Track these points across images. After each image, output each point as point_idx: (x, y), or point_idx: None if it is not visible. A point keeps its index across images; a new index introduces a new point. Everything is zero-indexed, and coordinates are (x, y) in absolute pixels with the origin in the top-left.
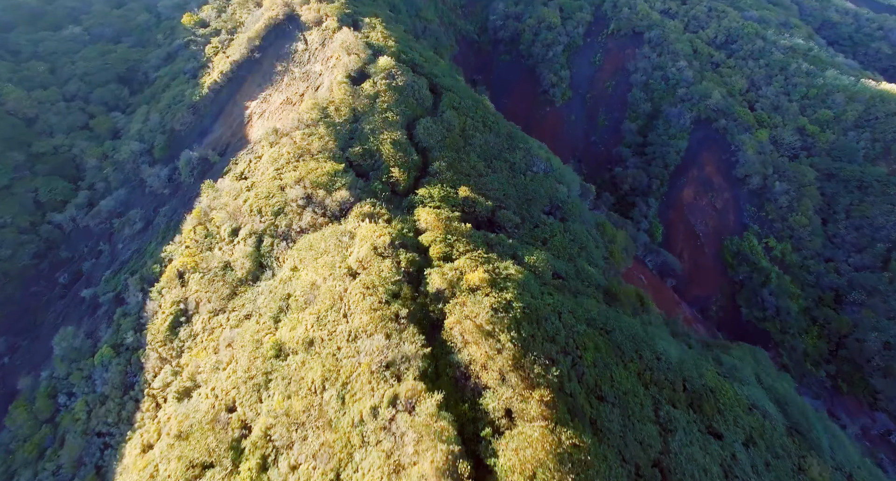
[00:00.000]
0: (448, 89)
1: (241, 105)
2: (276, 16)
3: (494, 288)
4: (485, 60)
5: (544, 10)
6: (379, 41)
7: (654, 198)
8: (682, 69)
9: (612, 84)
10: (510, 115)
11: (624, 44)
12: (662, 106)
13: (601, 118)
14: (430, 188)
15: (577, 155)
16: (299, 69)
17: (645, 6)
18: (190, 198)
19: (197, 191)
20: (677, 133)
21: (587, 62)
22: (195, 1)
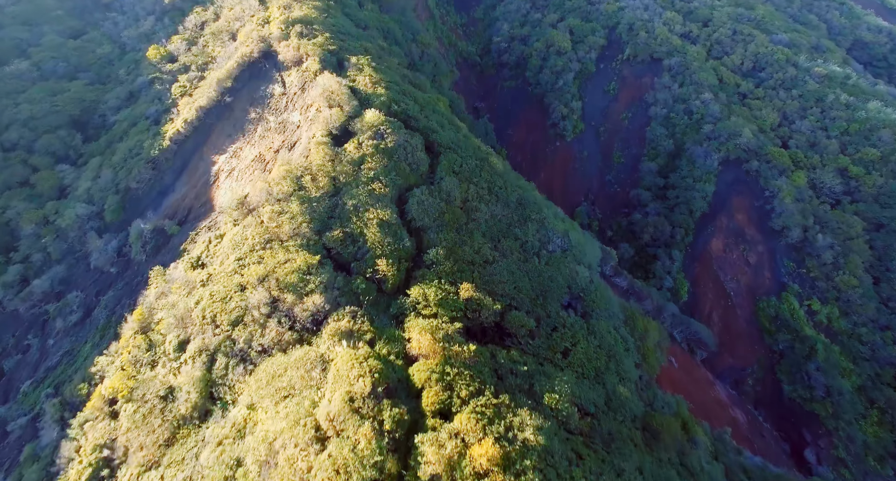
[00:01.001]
0: (447, 147)
1: (208, 159)
2: (250, 53)
3: (509, 471)
4: (488, 86)
5: (553, 32)
6: (366, 87)
7: (678, 249)
8: (707, 102)
9: (629, 116)
10: (516, 148)
11: (641, 71)
12: (686, 143)
13: (617, 155)
14: (424, 286)
15: (591, 196)
16: (275, 117)
17: (664, 29)
18: (139, 282)
19: (148, 274)
20: (703, 175)
21: (600, 91)
22: (163, 30)
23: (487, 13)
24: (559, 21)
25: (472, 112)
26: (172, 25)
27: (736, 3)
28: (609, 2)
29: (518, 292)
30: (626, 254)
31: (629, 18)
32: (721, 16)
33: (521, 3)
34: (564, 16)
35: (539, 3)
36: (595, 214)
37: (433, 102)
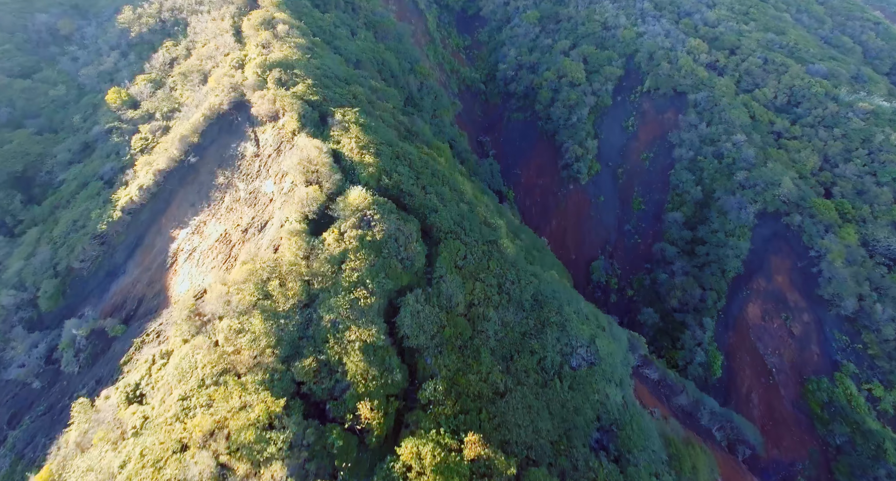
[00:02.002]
0: (448, 232)
1: (166, 234)
2: (219, 105)
3: None
4: (493, 117)
5: (565, 61)
6: (352, 154)
7: (709, 316)
8: (739, 144)
9: (650, 157)
10: (524, 191)
11: (663, 105)
12: (716, 191)
13: (637, 200)
14: (418, 441)
15: (608, 248)
16: (245, 185)
17: (688, 59)
18: (63, 409)
19: (77, 393)
20: (737, 229)
21: (618, 126)
22: (128, 68)
23: (492, 36)
24: (571, 48)
25: (476, 147)
26: (139, 62)
27: (765, 28)
28: (626, 27)
29: (537, 437)
30: (651, 320)
31: (649, 46)
32: (750, 43)
33: (529, 27)
34: (577, 42)
35: (549, 27)
36: (613, 270)
37: (432, 160)
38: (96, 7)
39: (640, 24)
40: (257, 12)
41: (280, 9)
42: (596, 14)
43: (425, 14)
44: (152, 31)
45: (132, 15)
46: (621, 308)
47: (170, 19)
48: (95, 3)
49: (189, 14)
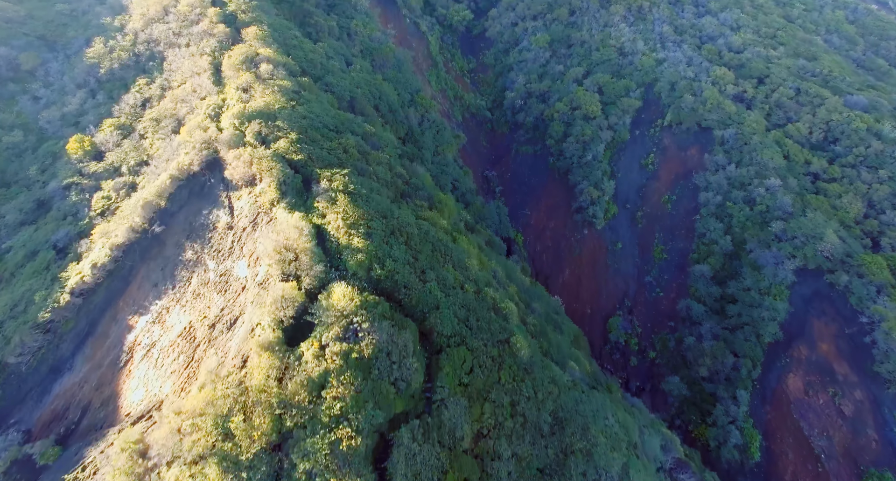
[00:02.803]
0: (451, 336)
1: (123, 322)
2: (189, 164)
3: None
4: (500, 148)
5: (579, 91)
6: (338, 234)
7: (743, 388)
8: (773, 190)
9: (672, 199)
10: (534, 234)
11: (686, 141)
12: (748, 243)
13: (658, 248)
14: None
15: (627, 302)
16: (216, 264)
17: (713, 91)
18: None
19: None
20: (773, 288)
21: (636, 164)
22: (95, 110)
23: (499, 59)
24: (585, 76)
25: (481, 183)
26: (108, 103)
27: (795, 53)
28: (645, 53)
29: None
30: (677, 391)
31: (670, 75)
32: (780, 71)
33: (538, 52)
34: (591, 69)
35: (560, 51)
36: (633, 328)
37: (432, 226)
38: (65, 38)
39: (660, 49)
40: (240, 48)
41: (265, 43)
42: (611, 38)
43: (427, 36)
44: (125, 66)
45: (103, 48)
46: (642, 372)
47: (145, 53)
48: (64, 34)
49: (166, 47)
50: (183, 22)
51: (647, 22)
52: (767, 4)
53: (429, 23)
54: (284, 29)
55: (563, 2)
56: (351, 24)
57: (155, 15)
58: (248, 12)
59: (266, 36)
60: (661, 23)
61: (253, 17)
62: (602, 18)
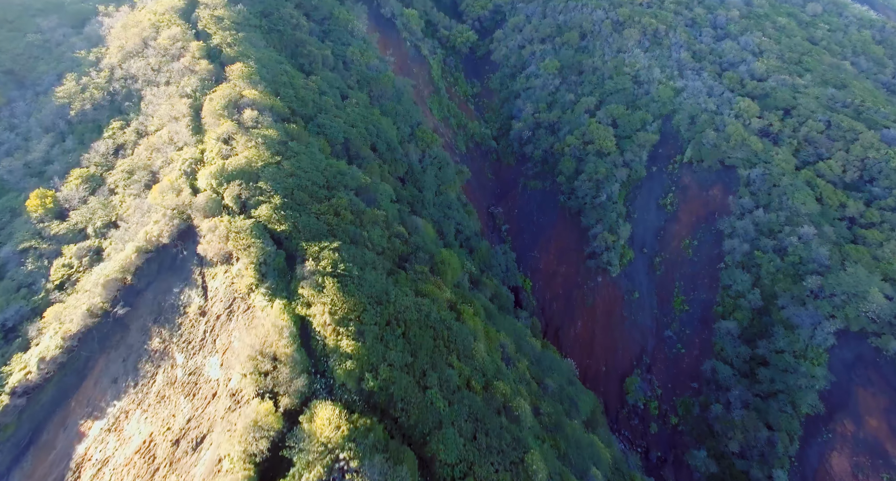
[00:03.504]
0: (458, 462)
1: (73, 428)
2: (159, 235)
3: None
4: (506, 181)
5: (591, 124)
6: (324, 331)
7: (780, 467)
8: (807, 239)
9: (693, 244)
10: (544, 280)
11: (707, 180)
12: (780, 298)
13: (679, 299)
14: None
15: (646, 359)
16: (185, 358)
17: (737, 126)
18: None
19: None
20: (810, 351)
21: (654, 204)
22: (63, 158)
23: (505, 83)
24: (597, 106)
25: (486, 220)
26: (78, 148)
27: (823, 80)
28: (662, 82)
29: None
30: (704, 467)
31: (690, 107)
32: (807, 101)
33: (547, 78)
34: (604, 98)
35: (570, 78)
36: (653, 390)
37: (433, 303)
38: (35, 73)
39: (678, 78)
40: (223, 89)
41: (251, 82)
42: (625, 65)
43: (429, 61)
44: (98, 106)
45: (75, 86)
46: (664, 441)
47: (121, 91)
48: (34, 68)
49: (144, 85)
50: (163, 56)
51: (664, 47)
52: (790, 26)
53: (430, 46)
54: (273, 64)
55: (574, 24)
56: (347, 51)
57: (133, 48)
58: (235, 46)
59: (252, 73)
60: (679, 48)
61: (239, 51)
62: (615, 43)
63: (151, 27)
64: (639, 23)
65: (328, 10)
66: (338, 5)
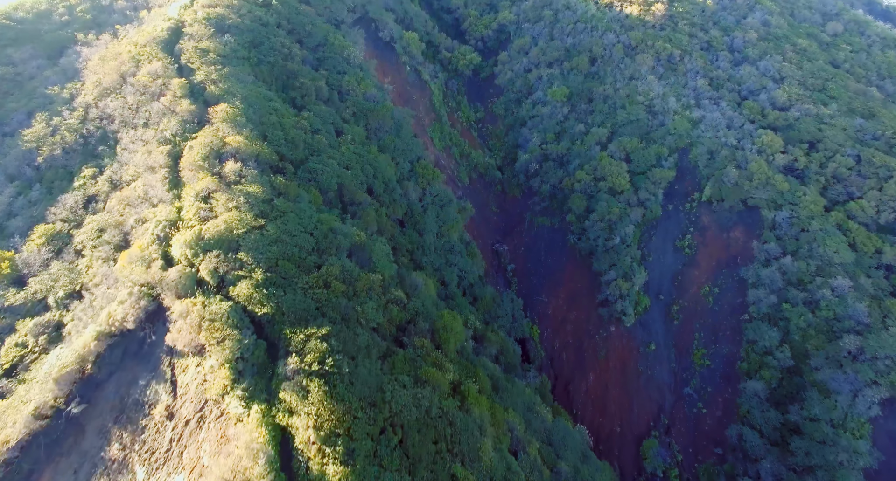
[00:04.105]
0: None
1: None
2: (122, 319)
3: None
4: (512, 215)
5: (603, 158)
6: (307, 450)
7: None
8: (842, 292)
9: (714, 292)
10: (552, 326)
11: (728, 221)
12: (812, 357)
13: (699, 352)
14: None
15: (664, 418)
16: (147, 473)
17: (761, 163)
18: None
19: None
20: (850, 422)
21: (670, 246)
22: (26, 211)
23: (510, 109)
24: (609, 138)
25: (491, 260)
26: (45, 200)
27: (849, 109)
28: (678, 112)
29: None
30: None
31: (709, 142)
32: (834, 134)
33: (555, 106)
34: (616, 129)
35: (580, 106)
36: (672, 455)
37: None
38: (3, 110)
39: (695, 107)
40: (205, 134)
41: (236, 126)
42: (639, 93)
43: (430, 86)
44: (70, 151)
45: (45, 128)
46: None
47: (95, 133)
48: (3, 106)
49: (121, 126)
50: (142, 95)
51: (679, 74)
52: (811, 48)
53: (431, 71)
54: (261, 102)
55: (583, 48)
56: (343, 80)
57: (111, 84)
58: (220, 82)
59: (237, 115)
60: (695, 75)
61: (224, 88)
62: (627, 69)
63: (131, 61)
64: (652, 47)
65: (322, 36)
66: (333, 31)
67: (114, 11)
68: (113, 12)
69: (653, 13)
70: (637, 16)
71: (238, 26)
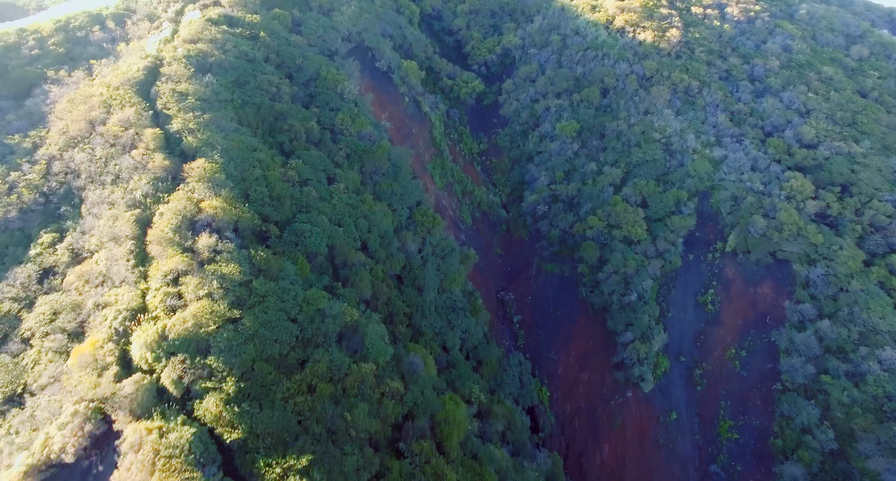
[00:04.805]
0: None
1: None
2: (60, 450)
3: None
4: (518, 258)
5: (618, 203)
6: None
7: None
8: (891, 365)
9: (742, 355)
10: (563, 388)
11: (755, 274)
12: (859, 440)
13: (725, 423)
14: None
15: None
16: None
17: (791, 212)
18: None
19: None
20: None
21: (691, 301)
22: None
23: (515, 142)
24: (623, 180)
25: (496, 310)
26: None
27: (883, 146)
28: (697, 151)
29: None
30: None
31: (733, 187)
32: (869, 176)
33: (564, 143)
34: (631, 169)
35: (591, 142)
36: None
37: None
38: None
39: (715, 145)
40: (178, 198)
41: (214, 186)
42: (654, 130)
43: (430, 118)
44: (28, 212)
45: (1, 185)
46: None
47: (58, 190)
48: None
49: (87, 182)
50: (112, 146)
51: (698, 107)
52: (837, 76)
53: (432, 101)
54: (244, 153)
55: (594, 79)
56: (336, 118)
57: (78, 133)
58: (198, 132)
59: (216, 172)
60: (715, 108)
61: (203, 139)
62: (642, 102)
63: (102, 106)
64: (668, 78)
65: (314, 69)
66: (326, 63)
67: (90, 43)
68: (89, 44)
69: (667, 39)
70: (651, 43)
71: (221, 64)
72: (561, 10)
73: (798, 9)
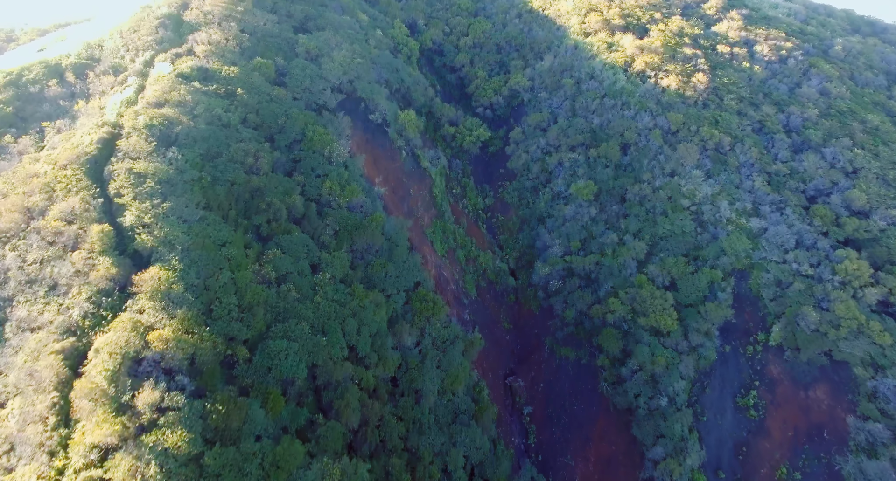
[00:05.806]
0: None
1: None
2: None
3: None
4: (528, 336)
5: (644, 284)
6: None
7: None
8: None
9: (796, 478)
10: None
11: (806, 376)
12: None
13: None
14: None
15: None
16: None
17: (849, 304)
18: None
19: None
20: None
21: (730, 401)
22: None
23: (524, 198)
24: (648, 254)
25: (503, 399)
26: None
27: None
28: (732, 221)
29: None
30: None
31: (776, 269)
32: None
33: (580, 206)
34: (656, 242)
35: (610, 207)
36: None
37: None
38: None
39: (752, 214)
40: (121, 324)
41: (168, 303)
42: (682, 195)
43: (430, 174)
44: None
45: None
46: None
47: None
48: None
49: (17, 291)
50: (51, 244)
51: (731, 168)
52: (884, 126)
53: (432, 155)
54: (209, 252)
55: (613, 132)
56: (323, 187)
57: (11, 227)
58: (154, 227)
59: (173, 283)
60: (750, 169)
61: (161, 237)
62: (668, 162)
63: (43, 191)
64: (696, 133)
65: (299, 129)
66: (312, 121)
67: (45, 100)
68: (44, 101)
69: (693, 86)
70: (675, 90)
71: (190, 133)
72: (574, 48)
73: (833, 43)
